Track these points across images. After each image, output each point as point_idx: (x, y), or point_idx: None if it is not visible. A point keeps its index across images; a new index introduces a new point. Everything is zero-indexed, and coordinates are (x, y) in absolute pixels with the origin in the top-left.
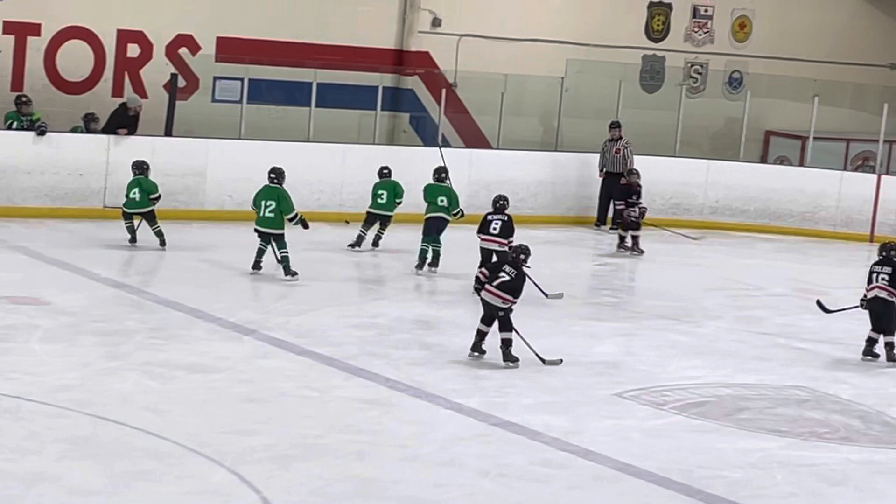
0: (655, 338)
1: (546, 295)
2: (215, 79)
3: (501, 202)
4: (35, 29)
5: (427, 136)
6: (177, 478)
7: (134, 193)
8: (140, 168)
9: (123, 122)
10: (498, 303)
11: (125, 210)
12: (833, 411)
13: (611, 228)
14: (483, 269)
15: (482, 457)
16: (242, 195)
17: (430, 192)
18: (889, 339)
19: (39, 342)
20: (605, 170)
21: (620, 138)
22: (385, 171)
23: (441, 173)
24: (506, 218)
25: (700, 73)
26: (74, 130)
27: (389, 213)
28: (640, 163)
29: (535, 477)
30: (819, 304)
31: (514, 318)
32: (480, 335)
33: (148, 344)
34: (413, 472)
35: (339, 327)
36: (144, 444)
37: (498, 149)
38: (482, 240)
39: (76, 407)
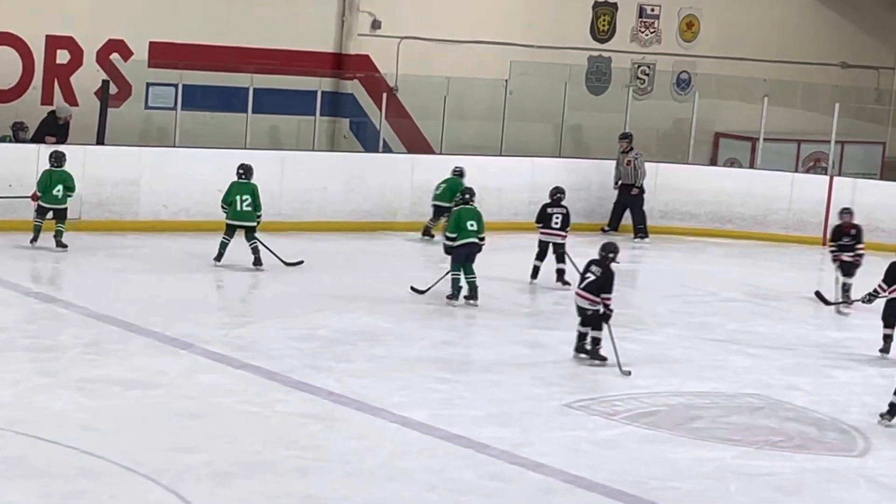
0: (605, 347)
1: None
2: (148, 85)
3: (559, 194)
4: None
5: (368, 141)
6: (112, 497)
7: (58, 191)
8: (60, 160)
9: (53, 130)
10: (586, 304)
11: (43, 205)
12: (787, 419)
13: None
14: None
15: (429, 471)
16: (178, 204)
17: (460, 217)
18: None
19: None
20: (619, 182)
21: (631, 149)
22: (458, 171)
23: (466, 194)
24: (565, 210)
25: (647, 74)
26: (2, 140)
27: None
28: (585, 166)
29: (484, 491)
30: (818, 294)
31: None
32: (581, 336)
33: (82, 360)
34: (358, 488)
35: (279, 339)
36: (79, 462)
37: (441, 154)
38: (542, 233)
39: (8, 426)
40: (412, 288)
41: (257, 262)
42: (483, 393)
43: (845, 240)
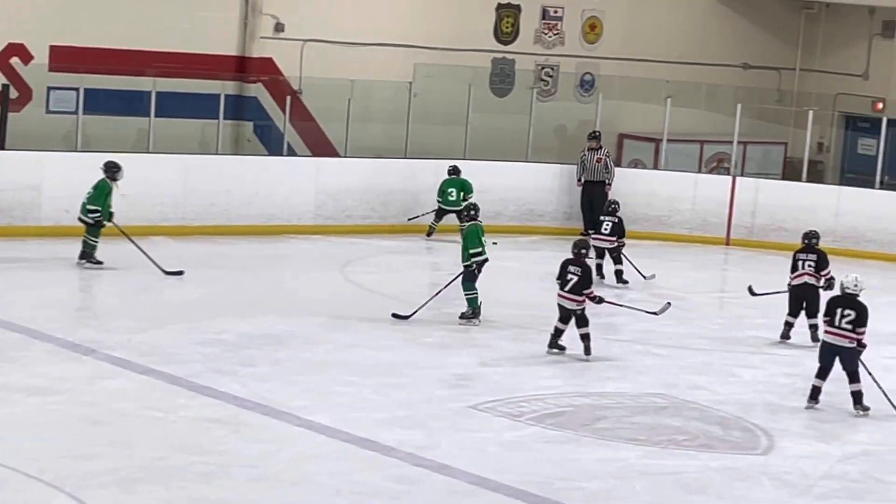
0: (510, 348)
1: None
2: (49, 89)
3: (613, 206)
4: None
5: (272, 144)
6: None
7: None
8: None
9: None
10: (573, 305)
11: None
12: (692, 418)
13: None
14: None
15: (334, 475)
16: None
17: (480, 233)
18: (813, 321)
19: None
20: (583, 179)
21: (600, 148)
22: (452, 169)
23: (472, 210)
24: (616, 220)
25: (551, 76)
26: None
27: (460, 209)
28: (489, 168)
29: (389, 494)
30: (750, 289)
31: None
32: (558, 332)
33: None
34: (263, 492)
35: (183, 344)
36: None
37: (345, 157)
38: (594, 238)
39: None
40: (394, 314)
41: (89, 258)
42: (388, 395)
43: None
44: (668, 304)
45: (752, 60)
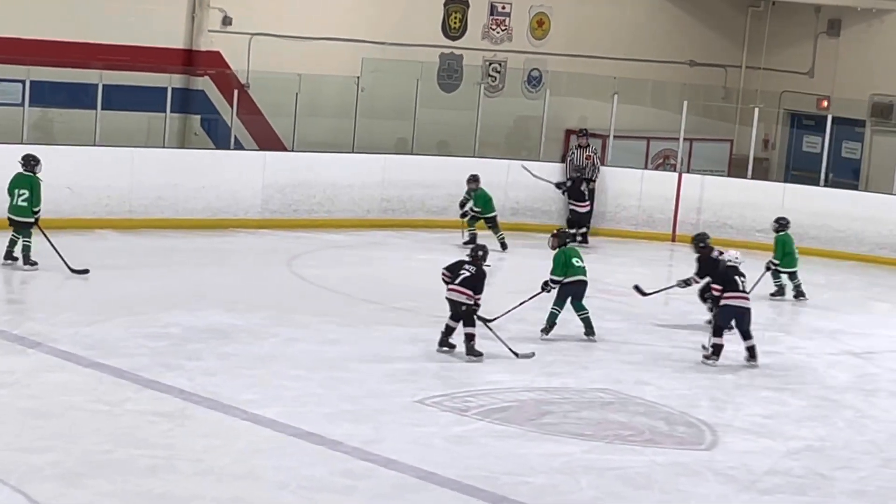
0: (456, 342)
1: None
2: None
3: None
4: None
5: (219, 138)
6: None
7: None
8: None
9: None
10: (463, 299)
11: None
12: (637, 413)
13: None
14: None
15: (281, 469)
16: None
17: (567, 256)
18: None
19: None
20: (570, 176)
21: (588, 145)
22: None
23: (568, 238)
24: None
25: (498, 72)
26: None
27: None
28: (436, 163)
29: (336, 488)
30: (636, 288)
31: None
32: (448, 331)
33: None
34: (209, 486)
35: (129, 338)
36: None
37: (293, 151)
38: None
39: None
40: (479, 318)
41: (27, 260)
42: (335, 390)
43: None
44: (533, 353)
45: (699, 58)
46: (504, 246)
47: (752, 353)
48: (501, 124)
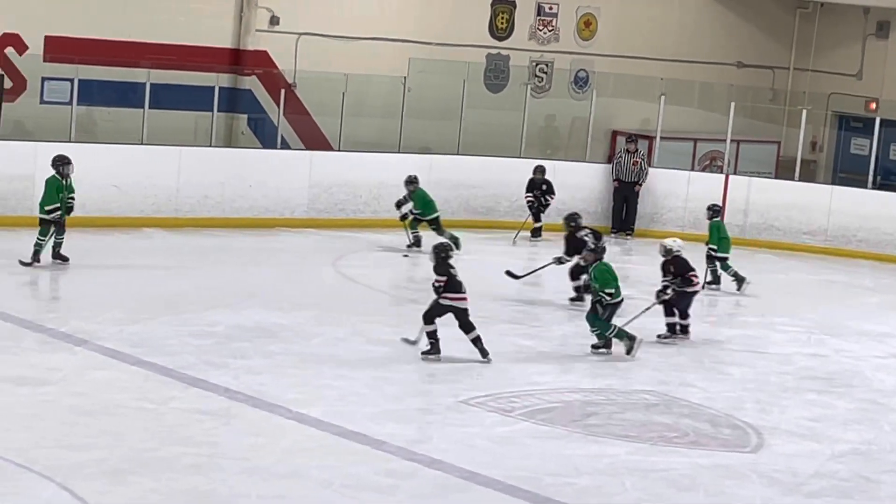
0: (502, 343)
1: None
2: (44, 79)
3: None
4: None
5: (266, 137)
6: (4, 495)
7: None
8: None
9: None
10: (465, 304)
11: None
12: (682, 415)
13: (627, 234)
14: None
15: (325, 468)
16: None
17: (613, 272)
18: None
19: None
20: (617, 179)
21: (637, 151)
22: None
23: (603, 252)
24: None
25: (545, 73)
26: None
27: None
28: (483, 164)
29: (379, 487)
30: (508, 273)
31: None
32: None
33: None
34: (254, 484)
35: (175, 336)
36: None
37: (339, 150)
38: None
39: None
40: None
41: (52, 256)
42: (379, 389)
43: None
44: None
45: (747, 59)
46: (417, 243)
47: (686, 329)
48: (548, 125)
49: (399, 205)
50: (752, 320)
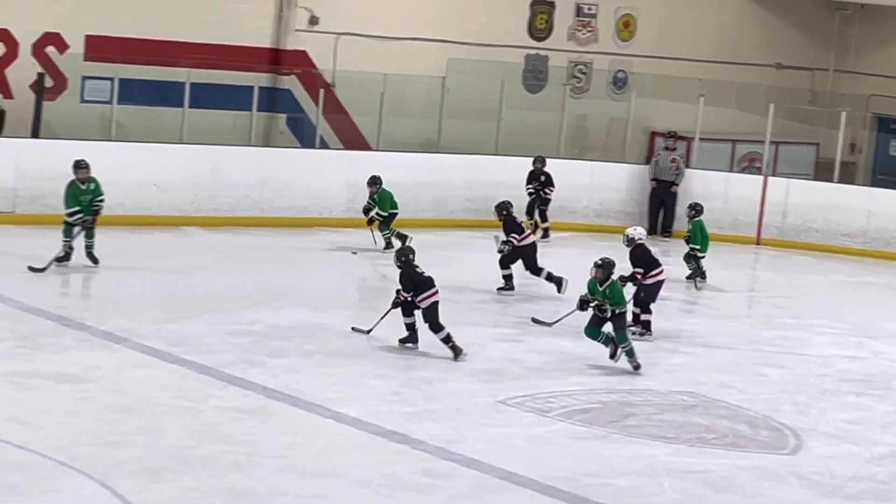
0: (541, 343)
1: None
2: (84, 78)
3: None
4: None
5: (305, 137)
6: (44, 492)
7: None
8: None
9: None
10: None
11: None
12: (720, 416)
13: (664, 235)
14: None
15: (362, 467)
16: (113, 198)
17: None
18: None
19: None
20: (655, 179)
21: (675, 148)
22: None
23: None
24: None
25: (584, 73)
26: None
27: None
28: (522, 164)
29: (417, 487)
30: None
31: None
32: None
33: (14, 353)
34: (291, 483)
35: (214, 334)
36: (10, 457)
37: (377, 150)
38: None
39: None
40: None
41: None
42: (417, 389)
43: None
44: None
45: (786, 60)
46: (389, 244)
47: (646, 324)
48: (586, 126)
49: (367, 210)
50: (790, 322)
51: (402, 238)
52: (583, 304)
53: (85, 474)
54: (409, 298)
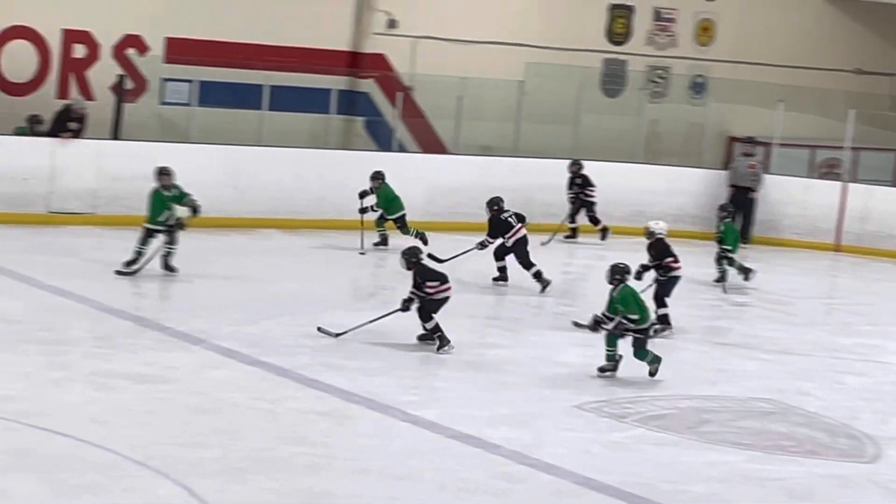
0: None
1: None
2: (164, 80)
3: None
4: None
5: (382, 140)
6: (123, 491)
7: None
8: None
9: (68, 124)
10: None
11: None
12: (798, 424)
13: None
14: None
15: (439, 470)
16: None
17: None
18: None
19: None
20: (734, 185)
21: (754, 154)
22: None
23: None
24: None
25: (662, 78)
26: (18, 132)
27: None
28: (599, 168)
29: (493, 491)
30: (431, 256)
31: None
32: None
33: (93, 353)
34: (367, 485)
35: (291, 336)
36: (90, 456)
37: (455, 154)
38: None
39: (19, 418)
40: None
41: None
42: (494, 393)
43: None
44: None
45: (866, 65)
46: (424, 240)
47: (665, 320)
48: (665, 130)
49: (362, 195)
50: (869, 329)
51: (424, 239)
52: (596, 325)
53: (162, 474)
54: (422, 295)
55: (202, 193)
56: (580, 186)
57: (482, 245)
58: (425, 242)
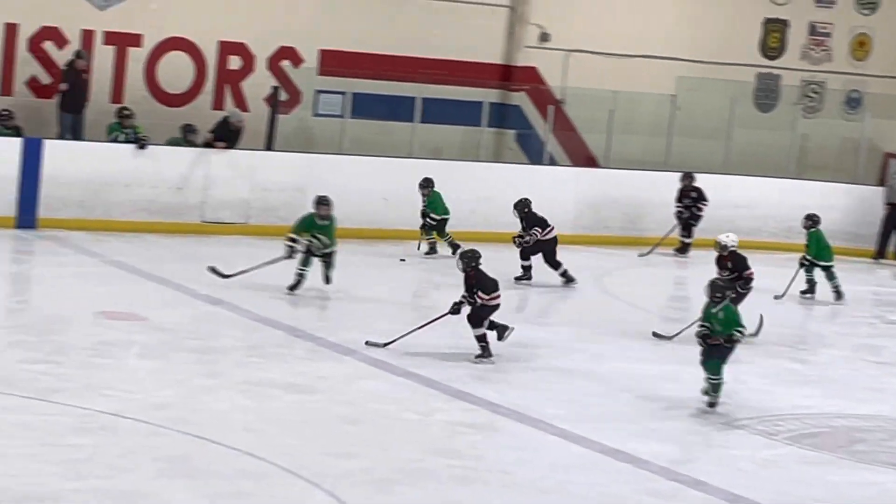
0: (767, 365)
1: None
2: (317, 92)
3: None
4: (136, 40)
5: (533, 153)
6: (274, 498)
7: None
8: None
9: (225, 136)
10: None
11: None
12: None
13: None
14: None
15: (587, 485)
16: (343, 211)
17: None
18: None
19: (136, 358)
20: (890, 203)
21: None
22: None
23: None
24: None
25: (817, 93)
26: (171, 143)
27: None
28: (753, 183)
29: None
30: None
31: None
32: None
33: (246, 362)
34: (516, 498)
35: (442, 348)
36: (241, 464)
37: (605, 167)
38: None
39: (172, 425)
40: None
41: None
42: (642, 408)
43: None
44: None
45: None
46: (455, 249)
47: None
48: (817, 145)
49: (424, 215)
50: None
51: (455, 247)
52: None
53: (313, 483)
54: (473, 301)
55: (354, 204)
56: (694, 200)
57: (525, 242)
58: (455, 251)
